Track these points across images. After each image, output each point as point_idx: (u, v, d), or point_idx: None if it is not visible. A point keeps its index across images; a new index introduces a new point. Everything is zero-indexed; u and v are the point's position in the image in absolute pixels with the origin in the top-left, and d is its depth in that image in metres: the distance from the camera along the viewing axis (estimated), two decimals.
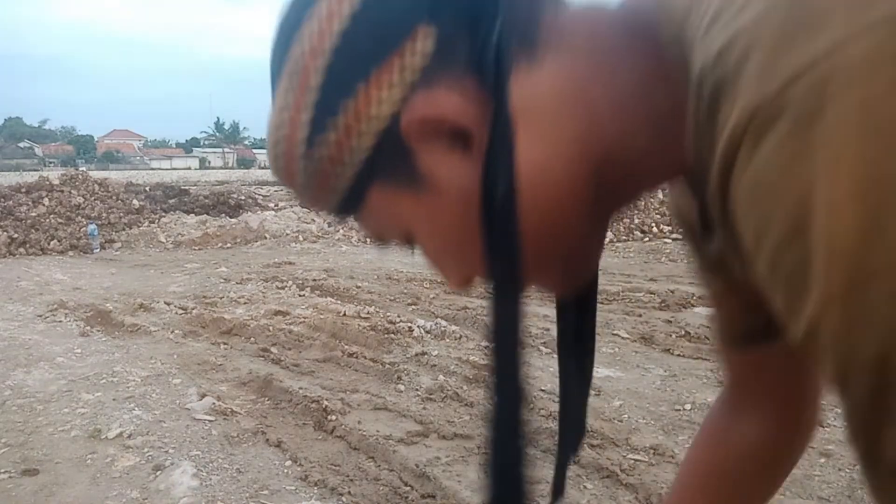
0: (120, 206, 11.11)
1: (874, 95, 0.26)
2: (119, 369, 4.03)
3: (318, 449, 2.90)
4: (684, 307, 5.18)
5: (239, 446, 2.95)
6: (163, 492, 2.56)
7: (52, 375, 3.94)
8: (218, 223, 11.08)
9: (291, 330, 4.72)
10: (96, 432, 3.10)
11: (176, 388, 3.71)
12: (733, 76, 0.31)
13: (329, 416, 3.17)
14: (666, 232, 9.15)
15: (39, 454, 2.89)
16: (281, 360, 4.11)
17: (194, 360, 4.18)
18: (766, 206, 0.31)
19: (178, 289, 6.60)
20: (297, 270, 7.45)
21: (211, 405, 3.38)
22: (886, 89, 0.26)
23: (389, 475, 2.62)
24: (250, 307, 5.57)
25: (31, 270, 7.99)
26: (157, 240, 10.27)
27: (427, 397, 3.43)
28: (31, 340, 4.73)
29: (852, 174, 0.27)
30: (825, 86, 0.27)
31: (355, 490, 2.52)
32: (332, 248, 9.73)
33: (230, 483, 2.62)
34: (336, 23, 0.39)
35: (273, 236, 10.52)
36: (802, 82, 0.28)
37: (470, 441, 2.90)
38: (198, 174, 46.35)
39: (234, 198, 13.77)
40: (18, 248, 9.32)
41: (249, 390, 3.65)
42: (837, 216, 0.28)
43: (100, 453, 2.89)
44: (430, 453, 2.80)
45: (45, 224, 9.89)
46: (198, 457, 2.84)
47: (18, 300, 6.18)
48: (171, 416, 3.30)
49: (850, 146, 0.27)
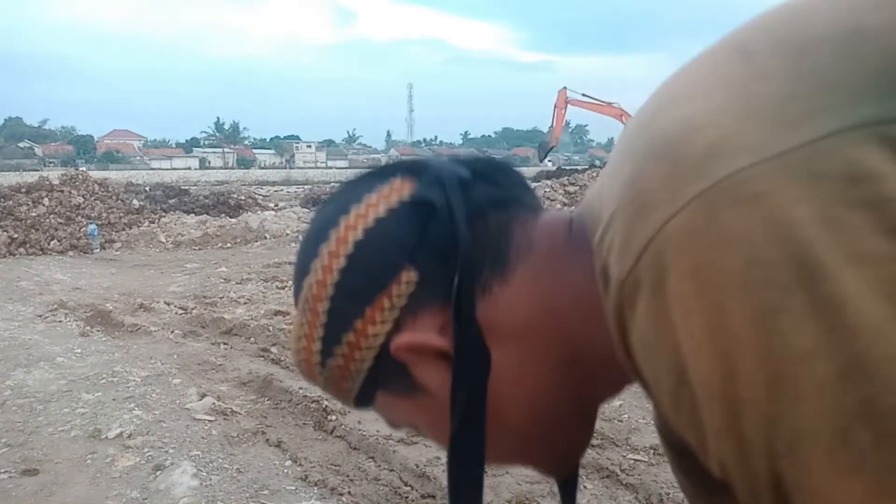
0: (120, 206, 11.12)
1: (697, 257, 0.33)
2: (119, 369, 4.03)
3: (318, 449, 2.90)
4: None
5: (239, 446, 2.95)
6: (163, 492, 2.56)
7: (52, 375, 3.94)
8: (218, 223, 11.09)
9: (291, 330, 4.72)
10: (96, 432, 3.10)
11: (176, 388, 3.71)
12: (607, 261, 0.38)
13: (329, 416, 3.17)
14: None
15: (39, 454, 2.89)
16: (281, 360, 4.11)
17: (194, 360, 4.18)
18: (653, 362, 0.36)
19: (178, 289, 6.61)
20: None
21: (211, 405, 3.38)
22: (705, 251, 0.32)
23: (389, 475, 2.62)
24: (250, 307, 5.57)
25: (31, 270, 8.00)
26: (157, 240, 10.28)
27: None
28: (31, 340, 4.73)
29: (700, 325, 0.33)
30: (662, 257, 0.34)
31: (355, 490, 2.52)
32: None
33: (230, 483, 2.62)
34: (336, 263, 0.47)
35: (273, 236, 10.53)
36: (646, 256, 0.35)
37: None
38: (198, 174, 46.38)
39: (234, 198, 13.78)
40: (18, 248, 9.33)
41: (249, 390, 3.65)
42: (699, 362, 0.33)
43: (100, 453, 2.89)
44: (430, 453, 2.80)
45: (45, 224, 9.89)
46: (198, 457, 2.84)
47: (18, 300, 6.18)
48: (171, 416, 3.30)
49: (691, 302, 0.33)
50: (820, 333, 0.30)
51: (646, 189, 0.36)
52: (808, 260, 0.31)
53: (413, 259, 0.46)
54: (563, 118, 27.53)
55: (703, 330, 0.33)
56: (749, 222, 0.32)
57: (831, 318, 0.30)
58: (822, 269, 0.30)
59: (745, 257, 0.32)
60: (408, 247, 0.46)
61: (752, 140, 0.33)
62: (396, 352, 0.47)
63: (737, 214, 0.32)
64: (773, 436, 0.32)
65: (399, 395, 0.50)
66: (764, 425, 0.32)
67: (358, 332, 0.47)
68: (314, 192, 14.72)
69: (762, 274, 0.31)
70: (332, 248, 0.47)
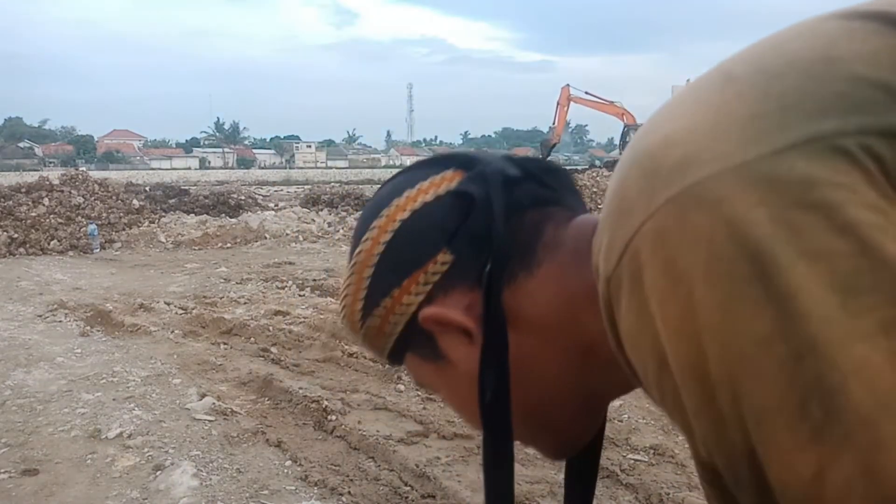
0: (120, 206, 11.10)
1: (668, 254, 0.37)
2: (119, 369, 4.03)
3: (318, 449, 2.90)
4: None
5: (239, 446, 2.94)
6: (163, 492, 2.56)
7: (52, 375, 3.94)
8: (218, 223, 11.08)
9: (291, 330, 4.72)
10: (96, 432, 3.10)
11: (176, 388, 3.71)
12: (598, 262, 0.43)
13: (329, 416, 3.16)
14: None
15: (39, 454, 2.89)
16: (281, 360, 4.11)
17: (194, 360, 4.17)
18: (639, 353, 0.41)
19: (178, 289, 6.60)
20: (298, 270, 7.46)
21: (211, 405, 3.38)
22: (675, 248, 0.37)
23: (389, 475, 2.62)
24: (250, 307, 5.57)
25: (31, 270, 7.99)
26: (157, 240, 10.27)
27: (427, 397, 3.43)
28: (31, 340, 4.73)
29: (674, 314, 0.37)
30: (638, 255, 0.38)
31: (355, 490, 2.52)
32: (332, 248, 9.73)
33: (230, 483, 2.62)
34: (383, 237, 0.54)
35: (273, 236, 10.52)
36: (626, 255, 0.39)
37: (470, 441, 2.90)
38: (198, 174, 46.38)
39: (234, 198, 13.77)
40: (18, 248, 9.32)
41: (249, 390, 3.64)
42: (675, 347, 0.37)
43: (100, 453, 2.89)
44: (430, 453, 2.80)
45: (45, 224, 9.88)
46: (198, 457, 2.84)
47: (18, 300, 6.18)
48: (171, 416, 3.30)
49: (665, 293, 0.37)
50: (776, 319, 0.34)
51: (626, 198, 0.41)
52: (763, 255, 0.35)
53: (450, 243, 0.52)
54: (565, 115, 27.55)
55: (676, 318, 0.37)
56: (712, 222, 0.36)
57: (785, 306, 0.34)
58: (775, 264, 0.34)
59: (709, 253, 0.36)
60: (447, 232, 0.52)
61: (718, 152, 0.37)
62: (424, 321, 0.53)
63: (701, 216, 0.36)
64: (742, 411, 0.36)
65: (425, 359, 0.56)
66: (733, 402, 0.36)
67: (394, 298, 0.53)
68: (314, 193, 14.67)
69: (724, 267, 0.35)
70: (382, 225, 0.54)
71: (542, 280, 0.51)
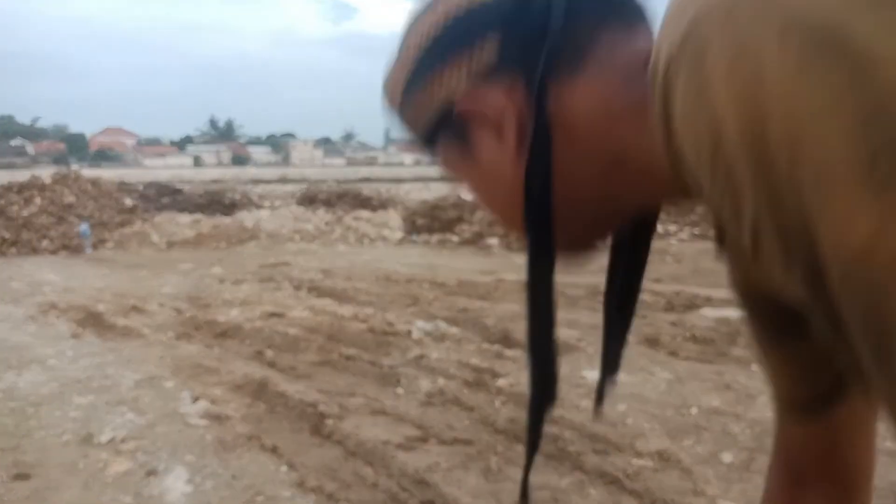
0: (112, 205, 11.01)
1: (738, 27, 0.36)
2: (111, 372, 3.97)
3: (314, 454, 2.85)
4: (690, 309, 5.11)
5: (233, 451, 2.89)
6: (156, 497, 2.51)
7: (44, 378, 3.88)
8: (212, 222, 11.01)
9: (287, 332, 4.66)
10: (88, 436, 3.05)
11: (169, 391, 3.65)
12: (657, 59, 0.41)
13: (326, 421, 3.12)
14: (672, 232, 9.11)
15: (31, 458, 2.83)
16: (276, 363, 4.05)
17: (187, 363, 4.12)
18: (694, 132, 0.39)
19: (172, 290, 6.54)
20: (294, 271, 7.40)
21: (205, 409, 3.33)
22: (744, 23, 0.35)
23: (388, 481, 2.58)
24: (245, 309, 5.51)
25: (23, 270, 7.92)
26: (150, 240, 10.19)
27: (426, 401, 3.38)
28: (22, 342, 4.67)
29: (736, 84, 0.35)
30: (703, 32, 0.37)
31: (353, 496, 2.48)
32: (328, 248, 9.67)
33: (224, 489, 2.57)
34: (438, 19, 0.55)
35: (268, 236, 10.46)
36: (689, 36, 0.38)
37: (470, 446, 2.85)
38: (192, 172, 46.18)
39: (229, 196, 13.70)
40: (10, 248, 9.25)
41: (244, 394, 3.59)
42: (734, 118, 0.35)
43: (92, 458, 2.84)
44: (429, 459, 2.75)
45: (37, 223, 9.80)
46: (191, 462, 2.79)
47: (9, 301, 6.11)
48: (164, 420, 3.25)
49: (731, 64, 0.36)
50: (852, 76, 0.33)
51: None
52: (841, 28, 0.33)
53: (502, 33, 0.52)
54: None
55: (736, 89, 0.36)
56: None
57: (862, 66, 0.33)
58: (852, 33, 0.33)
59: (781, 25, 0.35)
60: (500, 22, 0.52)
61: None
62: (459, 111, 0.54)
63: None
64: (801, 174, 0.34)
65: (455, 150, 0.57)
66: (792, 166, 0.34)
67: (437, 76, 0.54)
68: (310, 191, 14.61)
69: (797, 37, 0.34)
70: (441, 6, 0.55)
71: (584, 87, 0.51)
